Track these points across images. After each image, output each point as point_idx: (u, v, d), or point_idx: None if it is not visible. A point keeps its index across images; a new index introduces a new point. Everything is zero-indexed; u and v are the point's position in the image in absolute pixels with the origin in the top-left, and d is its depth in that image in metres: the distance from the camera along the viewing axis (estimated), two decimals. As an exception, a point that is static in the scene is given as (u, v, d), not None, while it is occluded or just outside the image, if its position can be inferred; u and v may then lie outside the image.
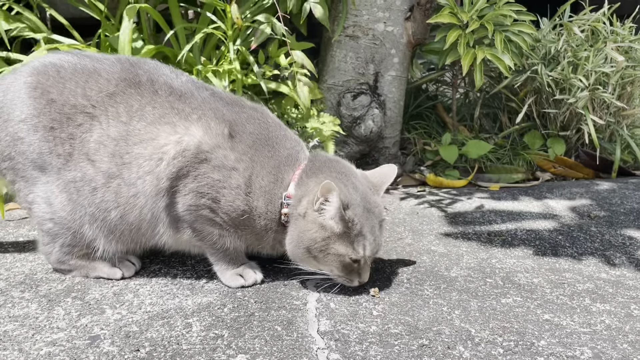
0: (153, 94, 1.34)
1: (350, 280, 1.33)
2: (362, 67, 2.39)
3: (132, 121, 1.32)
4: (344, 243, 1.29)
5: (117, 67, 1.37)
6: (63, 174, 1.33)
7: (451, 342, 1.15)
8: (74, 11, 2.43)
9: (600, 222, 1.95)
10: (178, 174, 1.30)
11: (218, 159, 1.30)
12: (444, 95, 3.05)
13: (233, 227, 1.35)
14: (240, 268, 1.40)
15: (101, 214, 1.33)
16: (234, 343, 1.13)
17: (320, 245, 1.29)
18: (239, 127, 1.35)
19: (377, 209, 1.36)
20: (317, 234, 1.29)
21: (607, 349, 1.14)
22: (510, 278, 1.48)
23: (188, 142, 1.30)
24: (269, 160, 1.35)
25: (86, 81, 1.35)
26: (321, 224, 1.29)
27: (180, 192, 1.31)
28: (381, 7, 2.34)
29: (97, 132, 1.32)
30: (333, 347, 1.12)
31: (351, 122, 2.38)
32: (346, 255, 1.29)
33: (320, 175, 1.34)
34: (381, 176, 1.44)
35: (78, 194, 1.33)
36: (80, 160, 1.32)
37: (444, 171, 2.50)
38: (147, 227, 1.35)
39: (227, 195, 1.31)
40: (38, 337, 1.14)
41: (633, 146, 2.59)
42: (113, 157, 1.31)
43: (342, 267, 1.31)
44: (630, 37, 2.58)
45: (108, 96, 1.33)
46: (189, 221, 1.34)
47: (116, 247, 1.38)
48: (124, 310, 1.26)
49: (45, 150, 1.33)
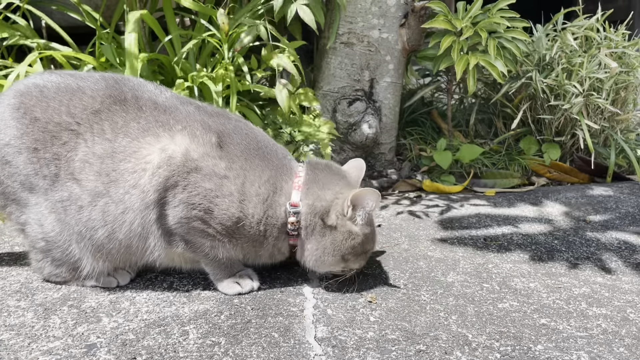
0: (138, 110, 1.33)
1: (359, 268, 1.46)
2: (357, 73, 2.41)
3: (117, 138, 1.30)
4: (370, 241, 1.41)
5: (101, 84, 1.37)
6: (50, 195, 1.31)
7: (448, 348, 1.15)
8: (70, 20, 2.44)
9: (596, 226, 1.95)
10: (166, 185, 1.28)
11: (208, 167, 1.29)
12: (439, 101, 3.06)
13: (227, 237, 1.33)
14: (236, 275, 1.40)
15: (88, 232, 1.31)
16: (231, 350, 1.13)
17: (358, 250, 1.38)
18: (227, 137, 1.35)
19: None
20: (354, 241, 1.36)
21: (604, 353, 1.15)
22: (506, 283, 1.48)
23: (174, 150, 1.28)
24: (263, 169, 1.35)
25: (70, 99, 1.34)
26: (356, 232, 1.36)
27: (169, 203, 1.29)
28: (376, 14, 2.35)
29: (82, 150, 1.30)
30: (330, 354, 1.12)
31: (347, 128, 2.39)
32: (370, 251, 1.43)
33: (335, 183, 1.39)
34: (356, 169, 1.50)
35: (65, 214, 1.31)
36: (67, 180, 1.31)
37: (440, 177, 2.51)
38: (137, 242, 1.32)
39: (220, 204, 1.30)
40: (34, 346, 1.13)
41: (627, 151, 2.60)
42: (99, 175, 1.29)
43: (366, 259, 1.44)
44: (623, 42, 2.61)
45: (93, 113, 1.32)
46: (180, 234, 1.32)
47: (104, 266, 1.36)
48: (121, 318, 1.25)
49: (31, 172, 1.32)
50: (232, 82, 2.04)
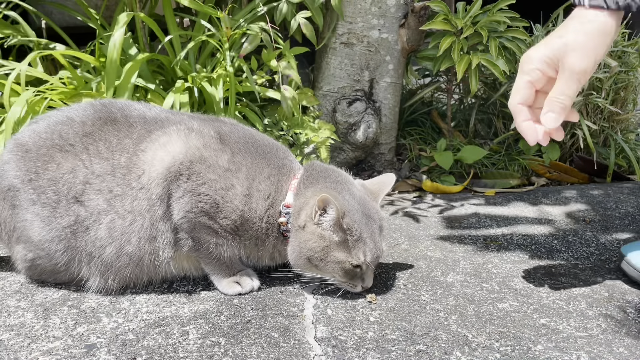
0: (129, 126, 1.36)
1: (354, 286, 1.34)
2: (357, 73, 2.41)
3: (114, 155, 1.32)
4: (344, 250, 1.30)
5: (89, 110, 1.39)
6: (55, 223, 1.32)
7: (448, 348, 1.15)
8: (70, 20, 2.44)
9: (596, 226, 1.95)
10: (169, 176, 1.29)
11: (212, 157, 1.31)
12: (439, 101, 3.06)
13: (232, 234, 1.34)
14: (236, 276, 1.40)
15: (97, 251, 1.32)
16: (231, 350, 1.13)
17: (320, 255, 1.30)
18: (225, 135, 1.37)
19: (376, 215, 1.37)
20: (316, 244, 1.30)
21: (604, 353, 1.15)
22: (506, 283, 1.49)
23: (175, 142, 1.31)
24: (263, 167, 1.36)
25: (61, 127, 1.36)
26: (320, 235, 1.30)
27: (174, 195, 1.30)
28: (376, 15, 2.35)
29: (81, 172, 1.31)
30: (330, 354, 1.12)
31: (347, 128, 2.39)
32: (346, 262, 1.30)
33: (317, 185, 1.35)
34: (379, 184, 1.46)
35: (75, 238, 1.32)
36: (71, 204, 1.31)
37: (439, 177, 2.51)
38: (147, 248, 1.32)
39: (225, 196, 1.31)
40: (34, 346, 1.14)
41: (627, 151, 2.60)
42: (101, 193, 1.30)
43: (343, 274, 1.32)
44: (623, 42, 2.60)
45: (85, 135, 1.34)
46: (187, 230, 1.33)
47: (112, 285, 1.36)
48: (120, 318, 1.26)
49: (31, 204, 1.33)
50: (231, 83, 2.05)
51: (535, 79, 1.20)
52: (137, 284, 1.38)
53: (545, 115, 1.18)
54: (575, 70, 1.14)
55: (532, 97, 1.23)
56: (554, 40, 1.17)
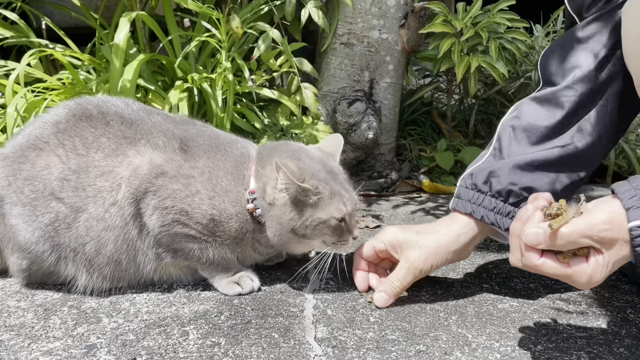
0: (105, 125, 1.35)
1: (345, 241, 1.33)
2: (357, 74, 2.41)
3: (90, 152, 1.32)
4: (323, 209, 1.29)
5: (63, 110, 1.39)
6: (37, 222, 1.31)
7: (448, 348, 1.15)
8: (70, 20, 2.44)
9: (596, 226, 1.95)
10: (137, 195, 1.29)
11: (173, 169, 1.31)
12: (439, 101, 3.06)
13: (211, 236, 1.34)
14: (236, 276, 1.40)
15: (80, 247, 1.32)
16: (231, 351, 1.13)
17: (302, 222, 1.29)
18: (190, 141, 1.36)
19: (339, 171, 1.39)
20: (293, 212, 1.29)
21: (604, 353, 1.15)
22: (506, 283, 1.49)
23: (141, 160, 1.31)
24: (224, 162, 1.36)
25: (35, 129, 1.37)
26: (293, 201, 1.29)
27: (145, 214, 1.30)
28: (376, 15, 2.35)
29: (57, 167, 1.31)
30: (330, 354, 1.12)
31: (347, 128, 2.39)
32: (330, 219, 1.29)
33: (273, 161, 1.31)
34: (333, 145, 1.46)
35: (58, 234, 1.32)
36: (50, 201, 1.31)
37: (440, 177, 2.51)
38: (126, 258, 1.33)
39: (191, 203, 1.31)
40: (34, 347, 1.14)
41: (627, 151, 2.60)
42: (76, 190, 1.30)
43: (332, 232, 1.31)
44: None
45: (60, 132, 1.34)
46: (166, 244, 1.33)
47: (101, 284, 1.35)
48: (121, 318, 1.26)
49: (23, 212, 1.33)
50: (229, 83, 2.05)
51: (380, 250, 1.40)
52: (122, 284, 1.38)
53: (379, 294, 1.33)
54: (415, 266, 1.33)
55: (376, 259, 1.43)
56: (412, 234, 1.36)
